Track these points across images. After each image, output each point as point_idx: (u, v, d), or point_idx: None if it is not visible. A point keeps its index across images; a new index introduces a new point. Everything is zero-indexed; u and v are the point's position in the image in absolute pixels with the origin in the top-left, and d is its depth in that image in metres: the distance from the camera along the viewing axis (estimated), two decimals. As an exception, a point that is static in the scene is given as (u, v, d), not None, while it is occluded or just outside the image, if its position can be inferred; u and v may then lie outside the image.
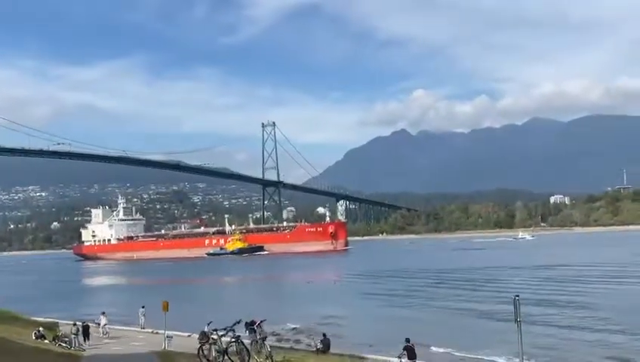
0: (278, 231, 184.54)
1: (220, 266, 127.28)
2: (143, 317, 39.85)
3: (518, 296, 11.44)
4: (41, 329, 32.45)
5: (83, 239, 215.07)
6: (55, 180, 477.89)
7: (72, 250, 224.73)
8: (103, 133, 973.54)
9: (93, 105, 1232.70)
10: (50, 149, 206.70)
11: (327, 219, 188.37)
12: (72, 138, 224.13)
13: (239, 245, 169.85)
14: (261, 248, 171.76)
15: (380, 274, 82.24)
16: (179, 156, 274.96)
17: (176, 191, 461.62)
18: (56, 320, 40.87)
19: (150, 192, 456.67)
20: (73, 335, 30.15)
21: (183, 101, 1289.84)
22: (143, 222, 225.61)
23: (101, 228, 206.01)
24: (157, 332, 34.35)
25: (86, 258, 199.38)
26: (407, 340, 22.55)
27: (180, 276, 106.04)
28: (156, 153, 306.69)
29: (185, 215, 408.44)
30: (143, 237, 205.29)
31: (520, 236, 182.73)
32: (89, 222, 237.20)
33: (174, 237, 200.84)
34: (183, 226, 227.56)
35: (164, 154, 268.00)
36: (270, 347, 15.77)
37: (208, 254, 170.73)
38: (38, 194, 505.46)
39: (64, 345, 29.50)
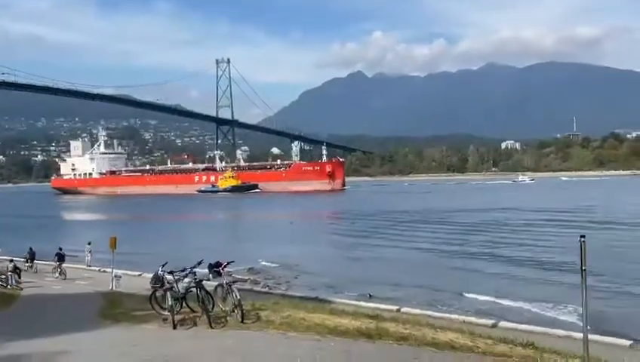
0: (272, 170, 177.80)
1: (210, 204, 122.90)
2: (89, 254, 37.15)
3: (584, 236, 9.06)
4: (-28, 266, 29.65)
5: (62, 172, 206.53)
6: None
7: (25, 183, 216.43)
8: (52, 66, 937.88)
9: (40, 37, 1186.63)
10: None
11: (324, 157, 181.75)
12: (17, 69, 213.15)
13: (232, 183, 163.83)
14: (255, 186, 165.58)
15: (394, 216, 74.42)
16: (130, 91, 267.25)
17: (127, 127, 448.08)
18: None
19: (99, 128, 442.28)
20: (10, 273, 27.46)
21: (137, 35, 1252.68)
22: (125, 156, 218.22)
23: (81, 162, 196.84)
24: (105, 271, 31.88)
25: (65, 192, 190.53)
26: (60, 249, 26.44)
27: (163, 212, 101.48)
28: (106, 87, 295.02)
29: (136, 152, 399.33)
30: (126, 171, 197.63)
31: (520, 179, 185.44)
32: (36, 156, 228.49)
33: (161, 172, 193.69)
34: (169, 161, 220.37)
35: (114, 89, 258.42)
36: (239, 293, 13.30)
37: (199, 191, 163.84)
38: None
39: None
